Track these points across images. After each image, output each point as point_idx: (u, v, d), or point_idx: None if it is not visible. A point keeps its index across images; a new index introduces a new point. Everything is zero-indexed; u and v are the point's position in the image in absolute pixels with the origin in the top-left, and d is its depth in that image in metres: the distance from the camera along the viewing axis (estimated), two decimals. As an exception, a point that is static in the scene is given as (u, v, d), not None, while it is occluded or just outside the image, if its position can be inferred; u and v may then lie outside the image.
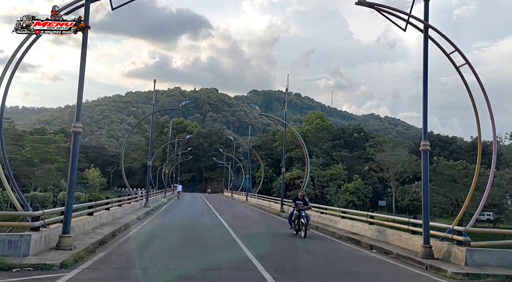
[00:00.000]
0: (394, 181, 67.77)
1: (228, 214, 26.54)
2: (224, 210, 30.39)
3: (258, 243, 14.06)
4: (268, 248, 13.06)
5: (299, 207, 16.01)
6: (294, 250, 13.33)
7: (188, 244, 13.41)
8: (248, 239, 14.24)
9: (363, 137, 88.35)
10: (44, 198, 71.62)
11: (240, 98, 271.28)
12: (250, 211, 31.17)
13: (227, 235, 15.67)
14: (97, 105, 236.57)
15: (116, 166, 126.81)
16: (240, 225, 19.74)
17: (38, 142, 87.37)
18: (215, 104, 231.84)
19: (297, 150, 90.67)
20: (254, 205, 38.48)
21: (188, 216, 23.56)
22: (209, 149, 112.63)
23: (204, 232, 16.38)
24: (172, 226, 18.27)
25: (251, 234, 16.66)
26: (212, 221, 21.83)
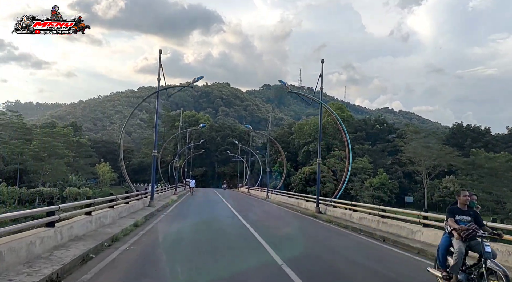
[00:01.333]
0: (426, 175, 61.27)
1: (253, 217, 20.70)
2: (246, 210, 24.57)
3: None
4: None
5: (472, 231, 6.61)
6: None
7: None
8: (311, 273, 8.38)
9: (386, 129, 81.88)
10: (51, 194, 66.71)
11: (252, 93, 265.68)
12: (278, 212, 25.27)
13: (265, 257, 9.81)
14: (109, 100, 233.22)
15: (128, 160, 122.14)
16: (279, 237, 13.89)
17: (46, 136, 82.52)
18: (227, 98, 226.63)
19: (315, 143, 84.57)
20: (279, 203, 32.57)
21: (202, 222, 17.67)
22: (222, 143, 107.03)
23: (229, 254, 10.52)
24: (180, 240, 12.42)
25: (306, 257, 10.73)
26: (235, 228, 16.03)
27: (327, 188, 63.11)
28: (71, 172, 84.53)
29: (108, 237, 11.25)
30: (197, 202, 31.36)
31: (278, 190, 42.69)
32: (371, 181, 65.54)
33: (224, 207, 26.67)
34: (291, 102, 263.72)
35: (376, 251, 11.82)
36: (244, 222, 17.41)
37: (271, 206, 30.36)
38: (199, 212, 22.61)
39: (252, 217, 20.17)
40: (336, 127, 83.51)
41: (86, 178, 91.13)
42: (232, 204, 29.20)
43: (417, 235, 13.07)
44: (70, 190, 67.60)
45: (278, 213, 24.32)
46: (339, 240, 13.96)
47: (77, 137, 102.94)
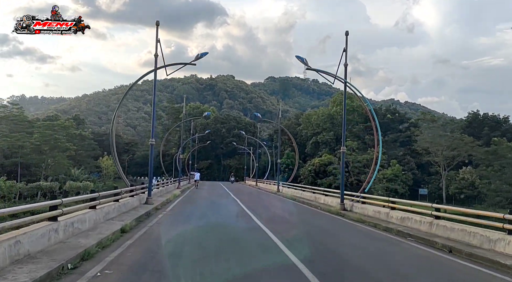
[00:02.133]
0: (444, 166, 57.46)
1: (270, 216, 17.26)
2: (259, 207, 21.10)
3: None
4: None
5: None
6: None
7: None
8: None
9: (398, 119, 77.95)
10: (50, 188, 63.61)
11: (257, 85, 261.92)
12: (297, 210, 21.70)
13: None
14: (113, 94, 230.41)
15: (132, 153, 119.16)
16: (309, 246, 10.35)
17: (47, 129, 79.43)
18: (232, 91, 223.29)
19: (324, 134, 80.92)
20: (293, 198, 28.99)
21: (209, 225, 14.09)
22: (227, 135, 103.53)
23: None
24: (179, 255, 8.87)
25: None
26: (251, 234, 12.50)
27: (339, 180, 59.52)
28: (74, 165, 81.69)
29: (76, 253, 7.79)
30: (202, 198, 27.94)
31: (290, 183, 39.18)
32: (383, 172, 61.93)
33: (233, 203, 23.22)
34: (296, 94, 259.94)
35: (452, 270, 8.31)
36: (260, 224, 13.90)
37: (286, 201, 26.80)
38: (205, 210, 19.08)
39: (268, 217, 16.70)
40: (347, 117, 79.85)
41: (90, 172, 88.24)
42: (241, 199, 25.76)
43: (500, 246, 9.50)
44: (70, 184, 64.56)
45: (296, 211, 20.80)
46: (390, 251, 10.44)
47: (79, 130, 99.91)
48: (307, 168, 66.16)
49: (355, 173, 61.48)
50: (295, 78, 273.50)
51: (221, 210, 19.18)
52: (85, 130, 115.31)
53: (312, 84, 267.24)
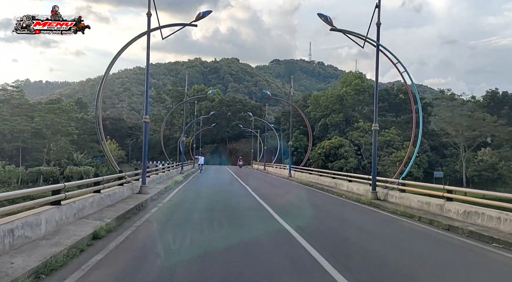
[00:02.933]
0: (465, 147, 53.69)
1: (293, 211, 13.82)
2: (275, 198, 17.55)
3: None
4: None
5: None
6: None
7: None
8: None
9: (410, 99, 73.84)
10: (51, 173, 60.73)
11: (261, 68, 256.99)
12: (319, 199, 18.19)
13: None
14: (117, 78, 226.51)
15: (136, 138, 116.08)
16: (360, 260, 6.87)
17: (47, 112, 76.26)
18: (237, 74, 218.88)
19: (333, 116, 77.11)
20: (309, 184, 25.40)
21: (216, 224, 10.57)
22: (233, 118, 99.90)
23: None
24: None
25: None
26: (273, 236, 9.01)
27: (351, 164, 56.06)
28: (77, 150, 78.81)
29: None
30: (207, 184, 24.55)
31: (303, 167, 35.68)
32: (397, 155, 58.32)
33: (243, 191, 19.83)
34: (302, 77, 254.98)
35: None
36: (285, 224, 10.40)
37: (302, 188, 23.27)
38: (209, 201, 15.63)
39: (291, 212, 13.28)
40: (356, 97, 75.87)
41: (93, 157, 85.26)
42: (251, 186, 22.37)
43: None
44: (71, 169, 61.64)
45: (320, 201, 17.31)
46: (487, 269, 6.96)
47: (81, 113, 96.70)
48: (316, 151, 62.58)
49: (367, 156, 57.90)
50: (300, 60, 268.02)
51: (230, 201, 15.74)
52: (88, 113, 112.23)
53: (317, 66, 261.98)
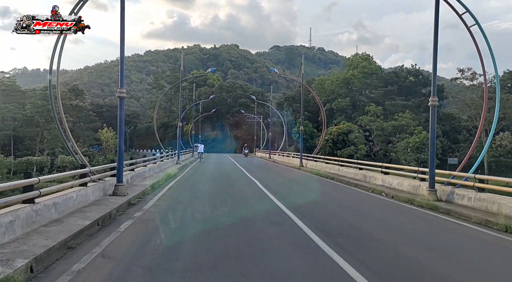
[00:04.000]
0: (487, 131, 49.08)
1: (331, 222, 9.24)
2: (295, 197, 13.13)
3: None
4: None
5: None
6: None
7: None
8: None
9: (422, 81, 69.01)
10: (41, 163, 56.55)
11: (261, 55, 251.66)
12: (357, 199, 13.57)
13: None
14: (116, 65, 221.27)
15: (134, 125, 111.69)
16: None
17: (39, 99, 71.65)
18: (236, 60, 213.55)
19: (340, 100, 72.42)
20: (329, 176, 20.86)
21: (221, 251, 6.17)
22: (234, 104, 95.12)
23: None
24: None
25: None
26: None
27: (362, 151, 51.52)
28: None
29: None
30: (206, 178, 20.00)
31: (316, 155, 31.24)
32: (408, 141, 53.90)
33: (253, 188, 15.31)
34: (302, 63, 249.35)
35: None
36: (334, 254, 5.99)
37: (325, 183, 18.59)
38: (210, 206, 11.09)
39: (328, 222, 8.82)
40: (364, 81, 71.09)
41: (89, 145, 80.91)
42: (261, 180, 17.97)
43: None
44: (62, 158, 57.31)
45: (360, 204, 12.64)
46: None
47: (76, 100, 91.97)
48: (323, 137, 58.07)
49: (379, 141, 53.36)
50: (301, 46, 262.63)
51: (239, 207, 11.24)
52: (84, 101, 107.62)
53: (318, 52, 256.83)
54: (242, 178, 19.96)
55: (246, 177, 20.18)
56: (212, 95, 62.18)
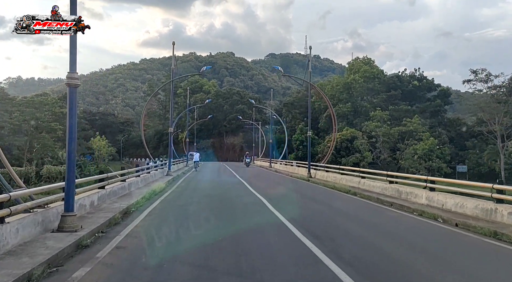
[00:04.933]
0: (504, 137, 45.46)
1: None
2: (332, 231, 9.21)
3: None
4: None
5: None
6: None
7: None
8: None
9: (425, 86, 65.67)
10: (26, 173, 52.18)
11: (257, 62, 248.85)
12: (419, 235, 9.40)
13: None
14: (111, 74, 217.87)
15: (128, 134, 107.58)
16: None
17: (27, 106, 67.49)
18: (232, 68, 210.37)
19: (341, 105, 68.82)
20: (349, 191, 16.97)
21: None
22: (230, 110, 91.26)
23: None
24: None
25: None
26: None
27: (368, 158, 47.75)
28: (63, 147, 70.43)
29: None
30: (201, 196, 15.86)
31: (326, 164, 27.39)
32: (415, 147, 50.22)
33: (264, 214, 11.26)
34: (298, 71, 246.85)
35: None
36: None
37: (353, 202, 14.54)
38: (204, 245, 7.16)
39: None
40: (366, 85, 67.59)
41: (81, 154, 76.62)
42: (271, 199, 14.02)
43: None
44: (48, 168, 52.91)
45: (430, 243, 8.48)
46: None
47: (67, 108, 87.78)
48: (326, 144, 54.31)
49: (386, 149, 49.57)
50: (296, 54, 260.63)
51: (249, 250, 7.23)
52: (77, 109, 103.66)
53: (313, 60, 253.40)
54: (246, 195, 15.92)
55: (250, 194, 16.17)
56: (208, 99, 57.81)
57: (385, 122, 50.25)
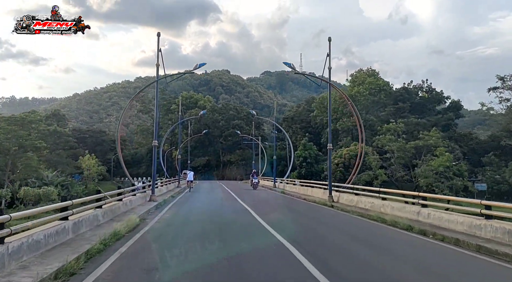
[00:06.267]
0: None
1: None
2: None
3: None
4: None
5: None
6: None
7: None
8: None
9: (435, 98, 60.79)
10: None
11: (253, 80, 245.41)
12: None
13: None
14: (105, 92, 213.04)
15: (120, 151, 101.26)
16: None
17: (9, 124, 61.52)
18: (228, 86, 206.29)
19: (346, 120, 63.61)
20: (409, 226, 11.46)
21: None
22: (227, 126, 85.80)
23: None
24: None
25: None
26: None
27: (382, 176, 42.22)
28: (49, 167, 64.40)
29: None
30: (193, 237, 10.09)
31: (349, 185, 21.88)
32: (429, 164, 44.83)
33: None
34: (293, 88, 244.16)
35: None
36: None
37: (436, 250, 9.01)
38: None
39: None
40: (371, 98, 62.59)
41: (69, 174, 70.38)
42: (308, 251, 8.45)
43: None
44: (26, 191, 46.80)
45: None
46: None
47: (53, 126, 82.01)
48: (332, 161, 48.77)
49: (401, 165, 44.05)
50: (292, 72, 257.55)
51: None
52: (66, 127, 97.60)
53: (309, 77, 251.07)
54: (258, 233, 10.25)
55: (269, 238, 10.43)
56: (203, 111, 52.05)
57: (400, 136, 44.91)
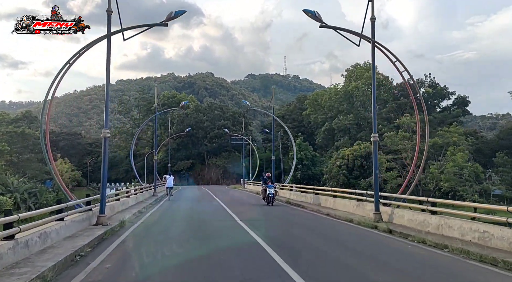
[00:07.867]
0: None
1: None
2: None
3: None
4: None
5: None
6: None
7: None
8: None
9: (439, 93, 54.86)
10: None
11: (237, 83, 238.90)
12: None
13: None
14: (85, 95, 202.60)
15: (96, 156, 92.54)
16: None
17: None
18: (212, 88, 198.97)
19: (341, 117, 57.07)
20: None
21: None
22: (212, 127, 78.42)
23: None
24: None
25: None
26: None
27: (393, 182, 35.64)
28: (15, 173, 55.93)
29: None
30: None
31: (413, 197, 15.06)
32: (440, 165, 38.61)
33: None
34: (278, 91, 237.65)
35: None
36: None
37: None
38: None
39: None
40: (370, 94, 56.15)
41: (40, 180, 61.83)
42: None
43: None
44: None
45: None
46: None
47: (22, 127, 73.38)
48: (333, 162, 41.96)
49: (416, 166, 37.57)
50: (276, 74, 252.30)
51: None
52: (38, 129, 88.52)
53: (293, 80, 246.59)
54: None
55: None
56: (185, 101, 44.13)
57: (415, 132, 38.60)
